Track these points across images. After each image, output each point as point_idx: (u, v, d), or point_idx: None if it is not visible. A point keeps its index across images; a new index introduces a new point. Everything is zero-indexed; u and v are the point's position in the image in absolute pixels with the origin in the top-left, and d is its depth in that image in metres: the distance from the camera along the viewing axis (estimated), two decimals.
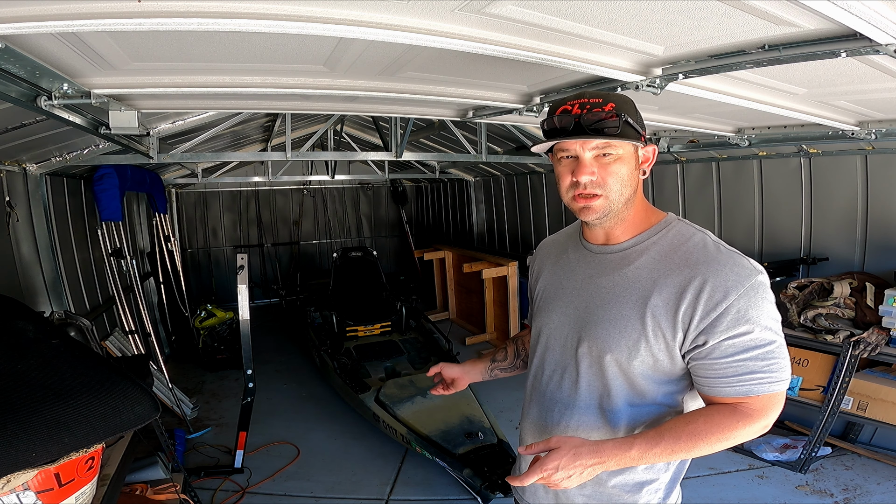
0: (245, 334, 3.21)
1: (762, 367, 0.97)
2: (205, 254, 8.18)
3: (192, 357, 5.51)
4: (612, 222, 1.10)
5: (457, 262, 6.59)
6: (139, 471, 2.43)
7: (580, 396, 1.12)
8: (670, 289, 1.01)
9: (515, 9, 1.25)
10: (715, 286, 0.98)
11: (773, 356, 0.98)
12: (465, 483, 2.78)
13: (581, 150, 1.03)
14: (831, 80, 1.84)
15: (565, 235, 1.31)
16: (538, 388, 1.23)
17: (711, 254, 1.02)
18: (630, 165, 1.05)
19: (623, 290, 1.07)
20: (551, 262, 1.28)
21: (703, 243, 1.05)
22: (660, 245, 1.08)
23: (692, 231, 1.08)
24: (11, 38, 1.28)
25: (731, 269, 0.99)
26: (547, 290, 1.25)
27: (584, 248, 1.19)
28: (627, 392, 1.08)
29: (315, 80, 1.92)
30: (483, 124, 4.29)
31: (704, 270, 1.00)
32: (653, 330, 1.02)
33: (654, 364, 1.05)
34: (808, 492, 2.93)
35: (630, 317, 1.04)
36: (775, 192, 3.81)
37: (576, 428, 1.12)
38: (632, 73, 1.67)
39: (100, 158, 3.40)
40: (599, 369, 1.09)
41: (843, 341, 2.98)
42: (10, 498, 1.24)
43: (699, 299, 0.98)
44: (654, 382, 1.07)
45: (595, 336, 1.08)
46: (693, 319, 0.99)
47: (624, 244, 1.11)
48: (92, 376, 1.37)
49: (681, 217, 1.13)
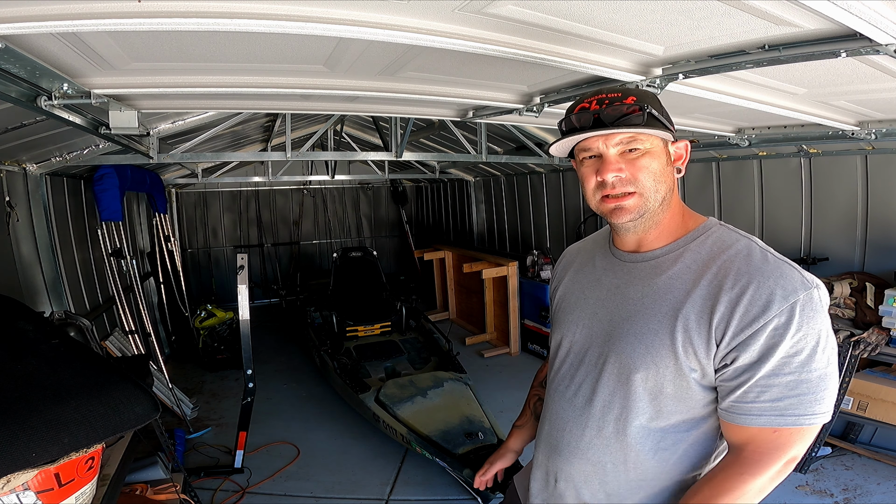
0: (245, 334, 3.21)
1: (800, 397, 0.86)
2: (205, 254, 8.18)
3: (192, 357, 5.50)
4: (647, 226, 1.00)
5: (457, 262, 6.59)
6: (139, 471, 2.43)
7: (597, 414, 1.03)
8: (705, 300, 0.91)
9: (515, 9, 1.25)
10: (755, 298, 0.86)
11: (814, 388, 0.85)
12: (465, 483, 2.78)
13: (604, 146, 0.95)
14: (831, 80, 1.84)
15: (592, 242, 1.21)
16: (552, 404, 1.15)
17: (756, 263, 0.90)
18: (661, 160, 0.96)
19: (653, 302, 0.97)
20: (574, 270, 1.19)
21: (747, 251, 0.93)
22: (697, 252, 0.97)
23: (736, 237, 0.97)
24: (11, 38, 1.28)
25: (778, 280, 0.87)
26: (567, 298, 1.16)
27: (612, 256, 1.09)
28: (653, 413, 0.97)
29: (315, 80, 1.92)
30: (483, 124, 4.28)
31: (746, 281, 0.89)
32: (683, 346, 0.92)
33: (685, 382, 0.94)
34: (808, 492, 2.93)
35: (658, 331, 0.95)
36: (775, 192, 3.81)
37: (587, 447, 1.05)
38: (632, 73, 1.67)
39: (100, 158, 3.40)
40: (624, 387, 0.99)
41: (843, 341, 2.98)
42: (10, 498, 1.24)
43: (735, 311, 0.87)
44: (680, 404, 0.96)
45: (620, 352, 0.99)
46: (727, 334, 0.88)
47: (657, 251, 1.01)
48: (92, 376, 1.37)
49: (723, 222, 1.03)
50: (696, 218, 1.04)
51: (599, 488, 1.05)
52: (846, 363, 2.96)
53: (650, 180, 0.95)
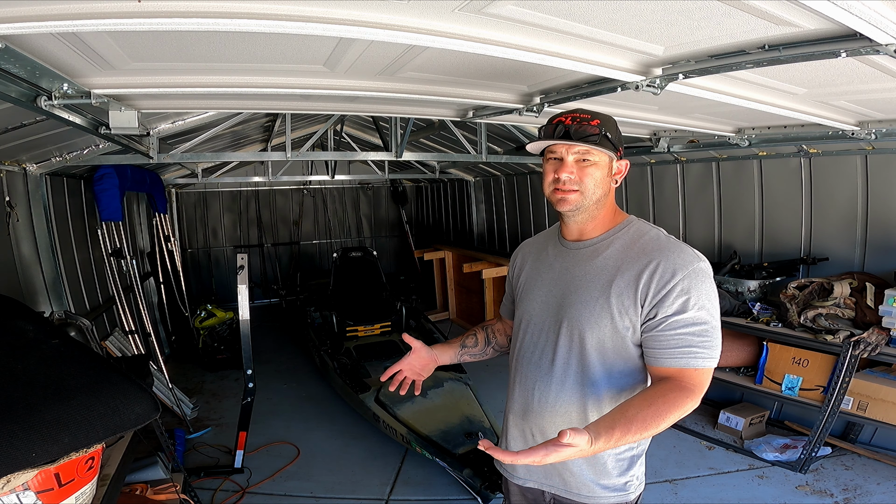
0: (245, 334, 3.21)
1: (699, 343, 1.15)
2: (205, 254, 8.18)
3: (192, 357, 5.50)
4: (584, 218, 1.29)
5: (457, 262, 6.60)
6: (139, 471, 2.43)
7: (559, 371, 1.28)
8: (631, 272, 1.21)
9: (515, 9, 1.25)
10: (665, 268, 1.18)
11: (708, 335, 1.16)
12: (465, 483, 2.78)
13: (566, 153, 1.25)
14: (831, 80, 1.84)
15: (544, 237, 1.49)
16: (521, 369, 1.38)
17: (663, 244, 1.23)
18: (603, 172, 1.26)
19: (593, 277, 1.26)
20: (532, 259, 1.46)
21: (656, 237, 1.26)
22: (622, 239, 1.28)
23: (648, 228, 1.29)
24: (11, 38, 1.28)
25: (678, 255, 1.19)
26: (528, 282, 1.43)
27: (561, 245, 1.37)
28: (602, 365, 1.24)
29: (315, 81, 1.92)
30: (483, 124, 4.28)
31: (658, 256, 1.20)
32: (618, 308, 1.21)
33: (621, 339, 1.22)
34: (808, 492, 2.93)
35: (599, 298, 1.23)
36: (775, 192, 3.81)
37: (555, 400, 1.29)
38: (632, 73, 1.67)
39: (100, 158, 3.40)
40: (578, 346, 1.26)
41: (843, 341, 2.98)
42: (10, 498, 1.24)
43: (653, 278, 1.18)
44: (623, 355, 1.24)
45: (571, 317, 1.26)
46: (648, 295, 1.18)
47: (594, 239, 1.31)
48: (92, 376, 1.37)
49: (639, 217, 1.34)
50: (622, 214, 1.34)
51: None
52: (846, 363, 2.97)
53: (591, 184, 1.25)
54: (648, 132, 3.71)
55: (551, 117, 1.28)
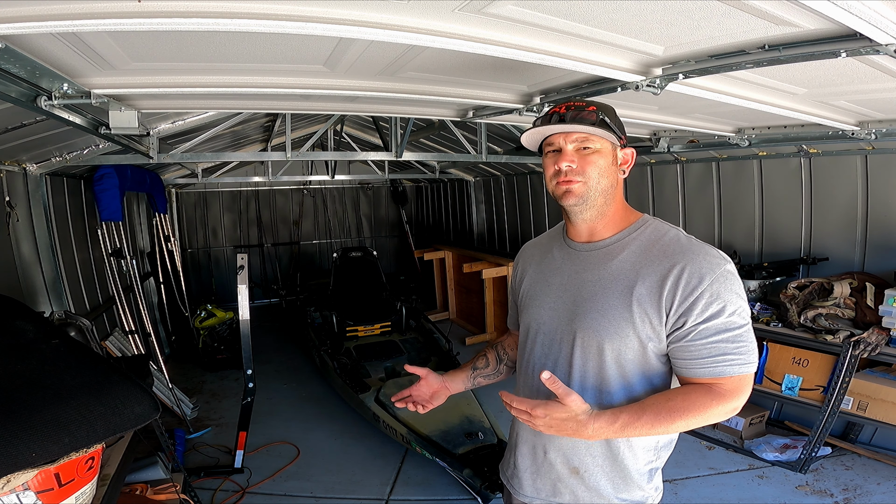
0: (245, 334, 3.21)
1: (733, 350, 1.06)
2: (205, 254, 8.17)
3: (192, 357, 5.50)
4: (593, 215, 1.18)
5: (457, 262, 6.60)
6: (139, 471, 2.43)
7: (576, 386, 1.16)
8: (653, 277, 1.10)
9: (515, 9, 1.25)
10: (691, 272, 1.07)
11: (742, 339, 1.07)
12: (465, 483, 2.78)
13: (564, 142, 1.16)
14: (831, 80, 1.84)
15: (548, 237, 1.38)
16: (531, 382, 1.27)
17: (685, 246, 1.12)
18: (607, 160, 1.16)
19: (609, 283, 1.15)
20: (536, 262, 1.35)
21: (676, 238, 1.15)
22: (640, 240, 1.17)
23: (666, 227, 1.18)
24: (11, 38, 1.28)
25: (704, 257, 1.09)
26: (533, 287, 1.31)
27: (568, 247, 1.26)
28: (620, 378, 1.14)
29: (315, 80, 1.92)
30: (483, 124, 4.28)
31: (682, 260, 1.09)
32: (639, 316, 1.10)
33: (643, 350, 1.12)
34: (808, 492, 2.93)
35: (618, 306, 1.12)
36: (775, 192, 3.81)
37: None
38: (632, 73, 1.66)
39: (100, 158, 3.39)
40: (596, 358, 1.15)
41: (843, 341, 2.98)
42: (10, 498, 1.24)
43: (678, 284, 1.07)
44: (643, 367, 1.14)
45: (587, 326, 1.15)
46: (674, 302, 1.07)
47: (607, 240, 1.20)
48: (92, 376, 1.37)
49: (655, 216, 1.24)
50: (635, 213, 1.23)
51: (586, 452, 1.20)
52: (846, 363, 2.97)
53: (595, 173, 1.15)
54: (648, 132, 3.71)
55: (546, 110, 1.23)
